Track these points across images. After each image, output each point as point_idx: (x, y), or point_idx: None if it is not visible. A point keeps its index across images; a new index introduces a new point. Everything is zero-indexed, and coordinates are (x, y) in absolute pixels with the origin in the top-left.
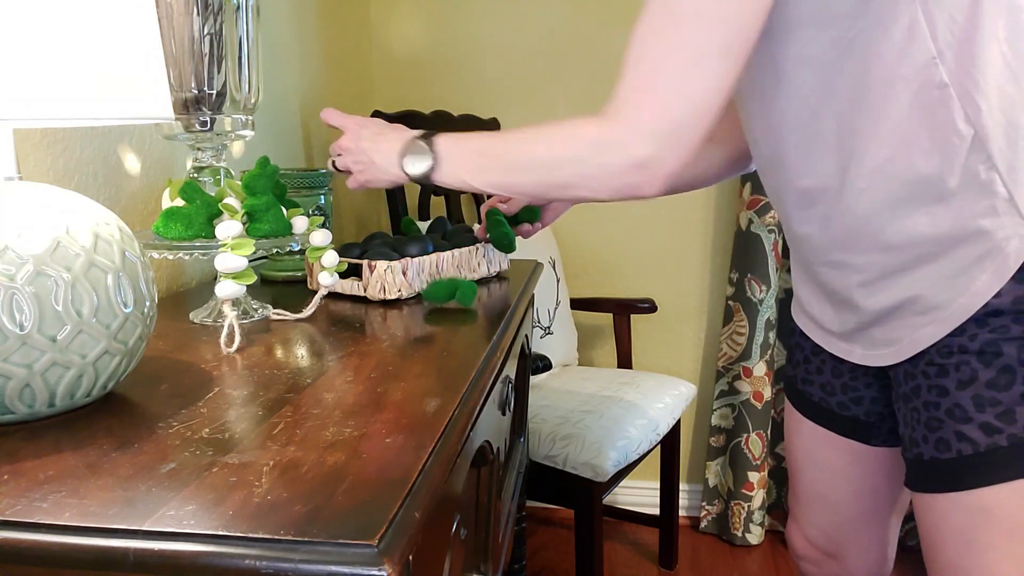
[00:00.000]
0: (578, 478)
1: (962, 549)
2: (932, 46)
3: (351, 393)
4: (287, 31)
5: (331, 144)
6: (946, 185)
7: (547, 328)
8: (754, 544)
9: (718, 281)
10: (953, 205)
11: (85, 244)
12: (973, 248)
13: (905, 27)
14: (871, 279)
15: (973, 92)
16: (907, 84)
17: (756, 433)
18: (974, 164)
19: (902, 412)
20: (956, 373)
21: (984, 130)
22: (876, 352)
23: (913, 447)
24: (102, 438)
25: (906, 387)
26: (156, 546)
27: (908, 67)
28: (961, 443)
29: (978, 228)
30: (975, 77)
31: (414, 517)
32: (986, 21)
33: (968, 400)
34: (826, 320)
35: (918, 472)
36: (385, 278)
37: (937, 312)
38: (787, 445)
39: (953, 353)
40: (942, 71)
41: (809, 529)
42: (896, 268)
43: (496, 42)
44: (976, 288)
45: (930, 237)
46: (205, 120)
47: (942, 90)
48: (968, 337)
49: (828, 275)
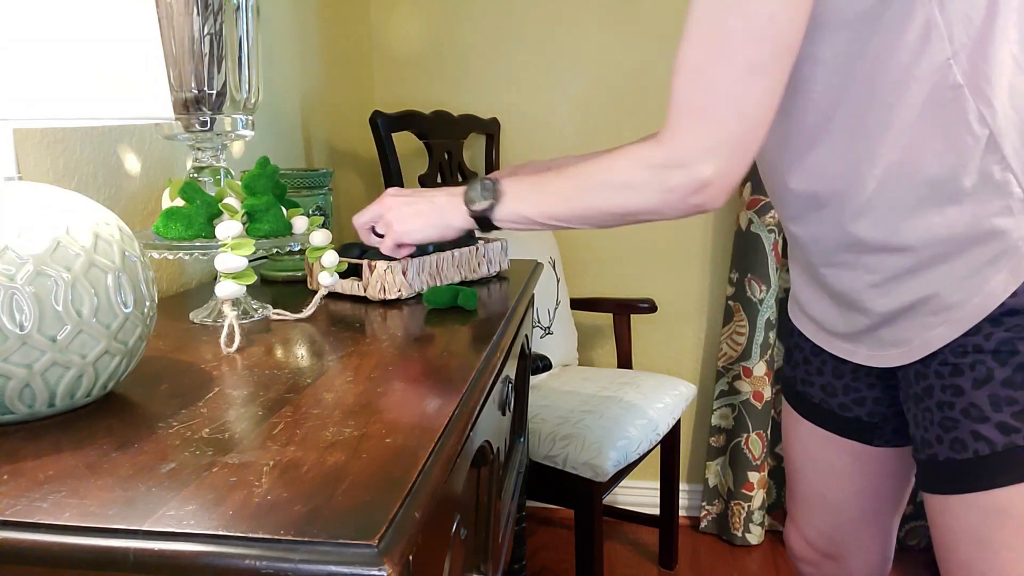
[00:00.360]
0: (578, 478)
1: (976, 549)
2: (948, 47)
3: (351, 393)
4: (287, 31)
5: (358, 219)
6: (960, 186)
7: (547, 328)
8: (754, 544)
9: (718, 281)
10: (967, 206)
11: (85, 244)
12: (988, 248)
13: (920, 28)
14: (882, 280)
15: (987, 92)
16: (921, 85)
17: (756, 433)
18: (989, 164)
19: (912, 413)
20: (971, 372)
21: (999, 130)
22: (884, 353)
23: (926, 448)
24: (102, 438)
25: (917, 387)
26: (156, 546)
27: (923, 68)
28: (978, 443)
29: (993, 228)
30: (989, 77)
31: (414, 517)
32: (1000, 22)
33: (984, 399)
34: (829, 321)
35: (933, 473)
36: (385, 278)
37: (950, 312)
38: (785, 447)
39: (968, 352)
40: (956, 72)
41: (808, 531)
42: (908, 269)
43: (496, 42)
44: (991, 288)
45: (944, 238)
46: (205, 120)
47: (956, 91)
48: (983, 336)
49: (835, 277)
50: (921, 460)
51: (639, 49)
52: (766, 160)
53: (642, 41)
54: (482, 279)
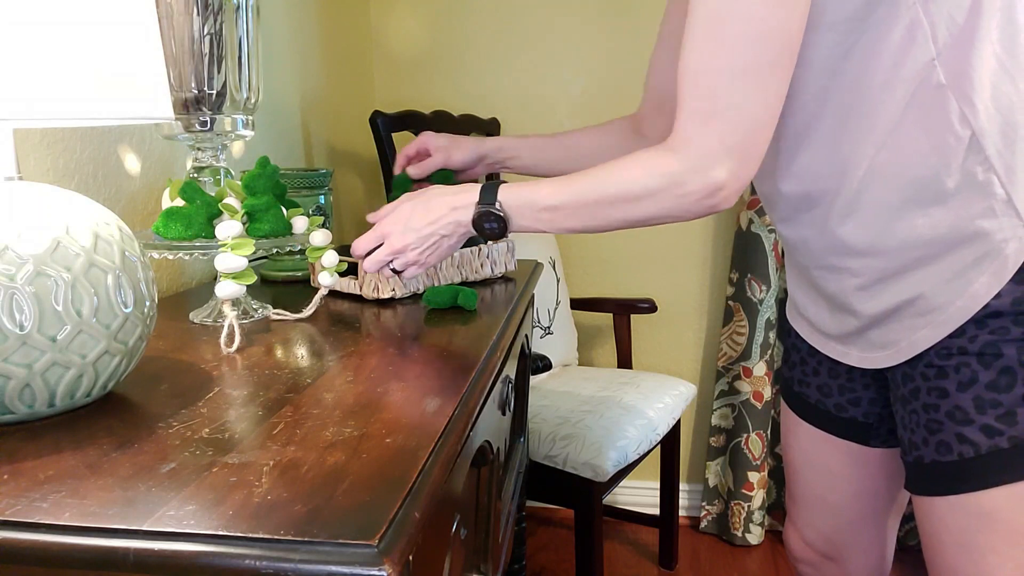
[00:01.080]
0: (578, 478)
1: (962, 553)
2: (932, 47)
3: (351, 393)
4: (287, 31)
5: (359, 249)
6: (944, 187)
7: (547, 328)
8: (754, 544)
9: (718, 281)
10: (951, 207)
11: (85, 244)
12: (971, 250)
13: (905, 28)
14: (868, 283)
15: (969, 93)
16: (906, 86)
17: (756, 433)
18: (972, 165)
19: (900, 415)
20: (956, 375)
21: (981, 130)
22: (873, 355)
23: (913, 450)
24: (102, 438)
25: (904, 389)
26: (156, 546)
27: (907, 68)
28: (962, 445)
29: (976, 230)
30: (971, 77)
31: (414, 517)
32: (983, 22)
33: (969, 402)
34: (822, 323)
35: (918, 475)
36: (378, 277)
37: (935, 314)
38: (784, 447)
39: (953, 355)
40: (940, 72)
41: (807, 532)
42: (894, 271)
43: (496, 42)
44: (975, 290)
45: (928, 239)
46: (205, 120)
47: (939, 91)
48: (968, 339)
49: (824, 279)
50: (908, 462)
51: (639, 49)
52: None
53: (642, 42)
54: (486, 280)
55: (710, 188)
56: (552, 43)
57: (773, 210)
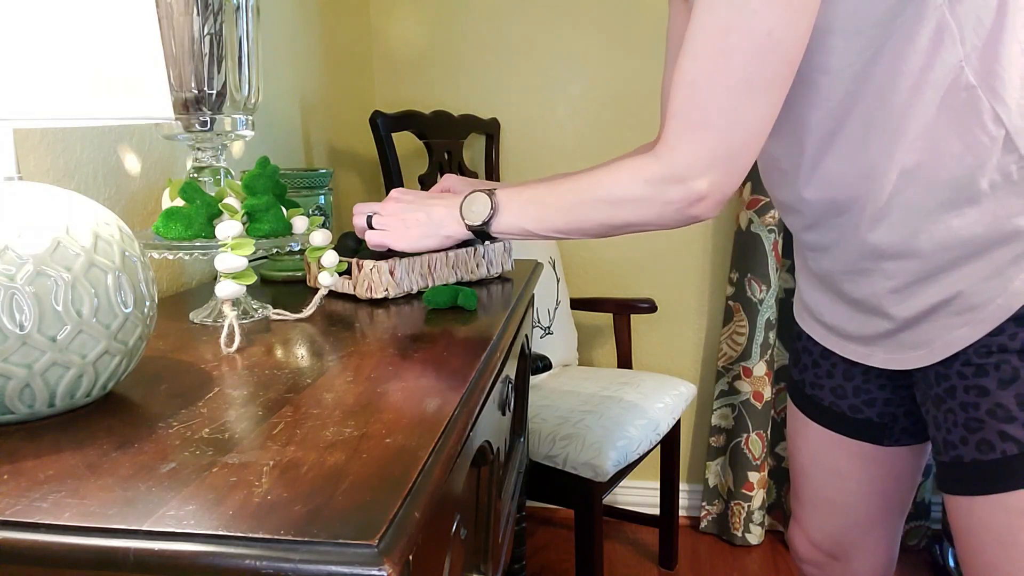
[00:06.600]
0: (578, 478)
1: (1003, 551)
2: (960, 49)
3: (351, 393)
4: (287, 31)
5: (359, 208)
6: (978, 187)
7: (547, 328)
8: (754, 544)
9: (718, 281)
10: (986, 206)
11: (85, 244)
12: (1009, 248)
13: (932, 31)
14: (903, 285)
15: (1001, 91)
16: (935, 88)
17: (756, 433)
18: (1006, 164)
19: (933, 415)
20: (996, 372)
21: (1015, 129)
22: (902, 356)
23: (950, 449)
24: (102, 438)
25: (938, 388)
26: (156, 546)
27: (936, 71)
28: (1005, 443)
29: (1015, 228)
30: (1001, 76)
31: (414, 517)
32: (1009, 21)
33: (1011, 399)
34: (844, 326)
35: (957, 475)
36: (372, 277)
37: (973, 313)
38: (791, 449)
39: (992, 352)
40: (968, 73)
41: (814, 533)
42: (930, 272)
43: (496, 43)
44: (1015, 288)
45: (965, 239)
46: (205, 120)
47: (970, 91)
48: (1008, 336)
49: (854, 283)
50: (944, 463)
51: (638, 50)
52: (779, 172)
53: (641, 42)
54: (483, 280)
55: (691, 198)
56: (552, 43)
57: (796, 218)
